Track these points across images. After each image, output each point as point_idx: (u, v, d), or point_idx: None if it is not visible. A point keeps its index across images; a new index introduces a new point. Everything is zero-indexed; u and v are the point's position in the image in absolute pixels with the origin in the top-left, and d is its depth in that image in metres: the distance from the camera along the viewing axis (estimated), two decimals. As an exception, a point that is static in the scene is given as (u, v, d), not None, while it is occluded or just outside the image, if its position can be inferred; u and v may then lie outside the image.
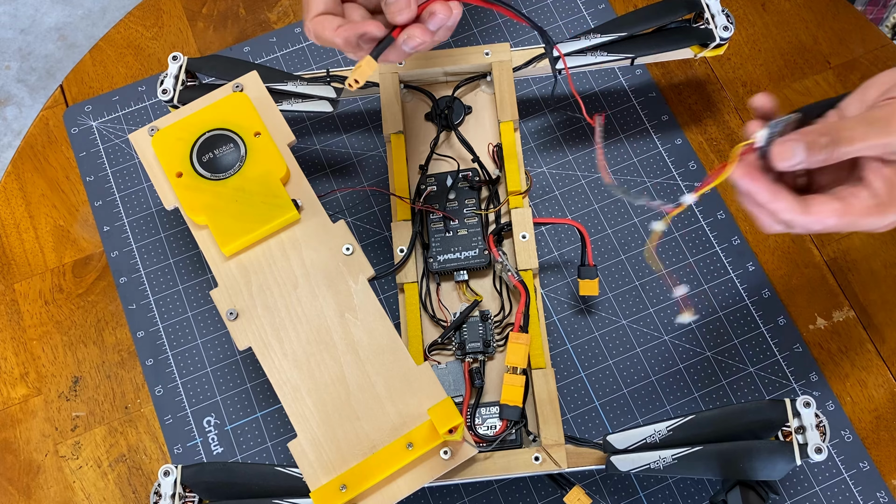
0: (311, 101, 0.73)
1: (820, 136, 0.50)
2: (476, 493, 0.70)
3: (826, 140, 0.50)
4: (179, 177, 0.66)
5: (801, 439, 0.60)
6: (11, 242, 0.80)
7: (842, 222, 0.51)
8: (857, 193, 0.51)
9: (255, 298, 0.64)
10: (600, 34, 0.73)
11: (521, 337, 0.64)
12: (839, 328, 0.74)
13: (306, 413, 0.61)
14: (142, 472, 0.72)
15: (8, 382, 0.75)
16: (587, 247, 0.70)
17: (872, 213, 0.50)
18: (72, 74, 0.86)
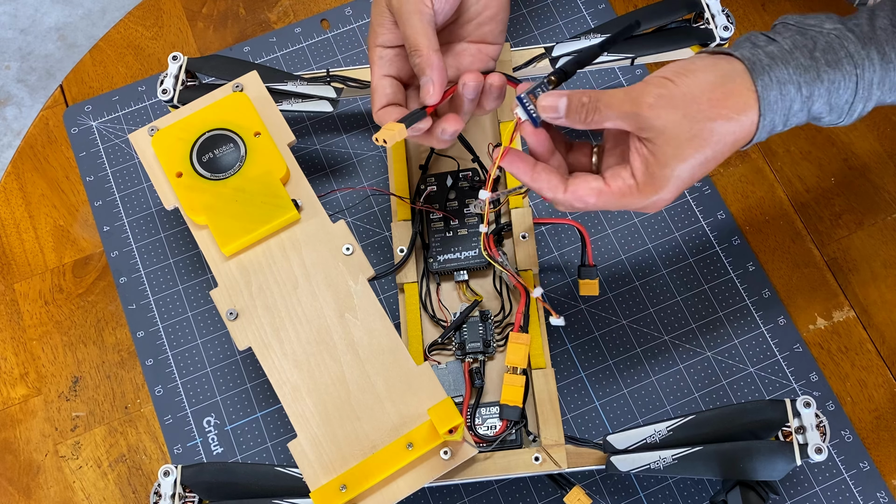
0: (311, 101, 0.73)
1: (583, 96, 0.53)
2: (476, 493, 0.70)
3: (587, 100, 0.53)
4: (179, 177, 0.66)
5: (801, 439, 0.61)
6: (11, 242, 0.80)
7: (602, 201, 0.54)
8: (619, 173, 0.54)
9: (255, 298, 0.64)
10: (600, 34, 0.73)
11: (521, 337, 0.64)
12: (839, 328, 0.74)
13: (306, 413, 0.61)
14: (142, 472, 0.72)
15: (8, 382, 0.75)
16: (587, 247, 0.70)
17: (632, 194, 0.53)
18: (72, 74, 0.86)
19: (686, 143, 0.51)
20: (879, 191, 0.78)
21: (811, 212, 0.78)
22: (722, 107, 0.51)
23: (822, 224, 0.77)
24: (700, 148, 0.51)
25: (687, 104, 0.51)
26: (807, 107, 0.53)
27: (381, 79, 0.60)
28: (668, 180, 0.52)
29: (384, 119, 0.59)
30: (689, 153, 0.51)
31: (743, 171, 0.79)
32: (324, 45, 0.85)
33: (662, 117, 0.51)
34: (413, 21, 0.57)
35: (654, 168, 0.52)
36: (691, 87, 0.52)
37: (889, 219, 0.77)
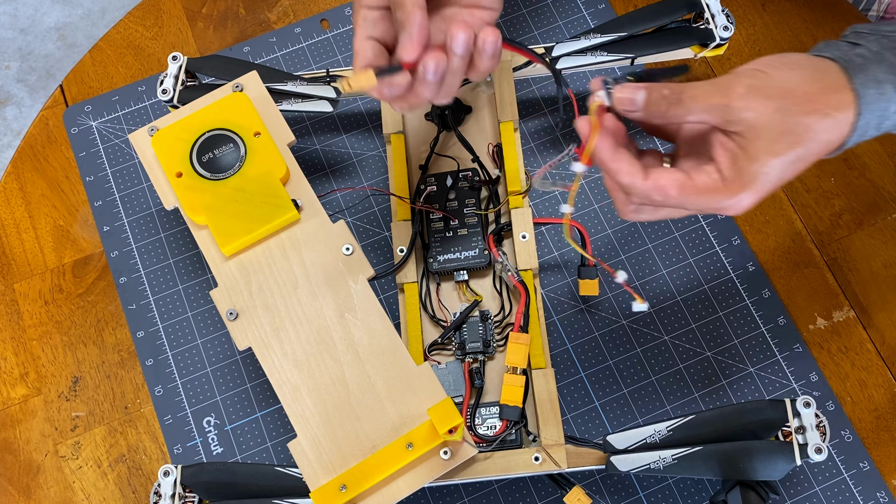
0: (311, 101, 0.73)
1: (663, 89, 0.49)
2: (476, 493, 0.70)
3: (668, 92, 0.49)
4: (179, 177, 0.66)
5: (801, 439, 0.61)
6: (11, 242, 0.80)
7: (683, 195, 0.49)
8: (703, 167, 0.49)
9: (255, 298, 0.64)
10: (600, 34, 0.73)
11: (521, 337, 0.64)
12: (839, 328, 0.74)
13: (306, 413, 0.61)
14: (142, 472, 0.72)
15: (8, 382, 0.75)
16: (587, 247, 0.70)
17: (717, 189, 0.48)
18: (72, 74, 0.86)
19: (779, 137, 0.47)
20: (879, 191, 0.78)
21: (811, 212, 0.78)
22: (818, 102, 0.48)
23: (822, 224, 0.77)
24: (793, 144, 0.47)
25: (782, 96, 0.47)
26: None
27: (363, 41, 0.56)
28: (757, 177, 0.47)
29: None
30: (782, 148, 0.47)
31: (743, 171, 0.79)
32: (324, 45, 0.85)
33: (754, 108, 0.47)
34: None
35: (742, 162, 0.48)
36: (787, 78, 0.48)
37: (889, 219, 0.77)
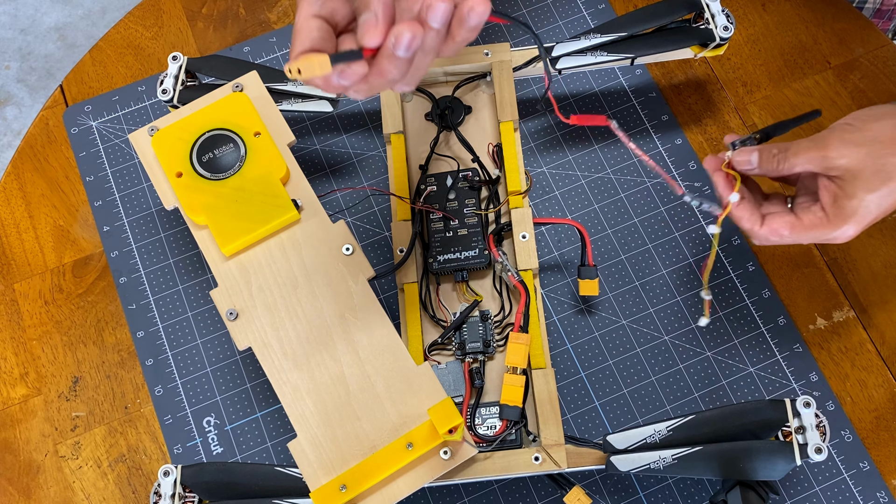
0: (311, 101, 0.73)
1: (773, 148, 0.59)
2: (476, 493, 0.70)
3: (776, 151, 0.59)
4: (179, 177, 0.66)
5: (801, 439, 0.61)
6: (11, 242, 0.80)
7: (795, 232, 0.58)
8: (810, 208, 0.58)
9: (255, 298, 0.64)
10: (600, 34, 0.73)
11: (521, 337, 0.64)
12: (839, 328, 0.74)
13: (306, 413, 0.61)
14: (142, 472, 0.72)
15: (8, 382, 0.75)
16: (587, 247, 0.70)
17: (823, 225, 0.57)
18: (72, 74, 0.86)
19: (872, 175, 0.55)
20: (879, 191, 0.78)
21: (811, 212, 0.78)
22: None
23: (822, 224, 0.77)
24: (886, 180, 0.55)
25: (870, 143, 0.55)
26: None
27: (308, 19, 0.49)
28: (857, 210, 0.55)
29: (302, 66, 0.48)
30: (876, 185, 0.55)
31: (743, 171, 0.79)
32: (324, 45, 0.85)
33: (847, 156, 0.55)
34: None
35: (842, 200, 0.56)
36: (874, 129, 0.56)
37: (889, 219, 0.77)
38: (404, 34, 0.46)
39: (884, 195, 0.55)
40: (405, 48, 0.46)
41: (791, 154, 0.57)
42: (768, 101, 0.82)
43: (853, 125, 0.56)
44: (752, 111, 0.81)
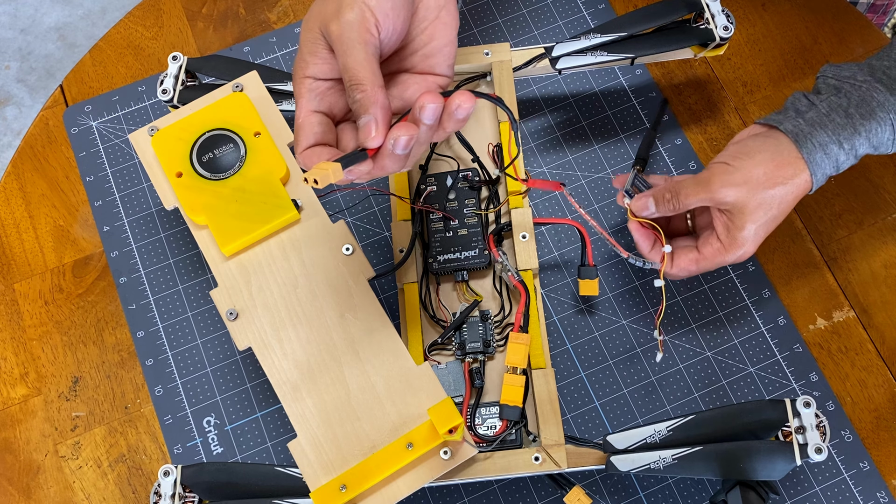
0: (311, 101, 0.73)
1: (666, 192, 0.66)
2: (476, 493, 0.70)
3: (669, 195, 0.66)
4: (179, 177, 0.66)
5: (801, 439, 0.61)
6: (11, 242, 0.80)
7: (701, 266, 0.66)
8: (708, 240, 0.66)
9: (255, 298, 0.64)
10: (600, 34, 0.73)
11: (521, 337, 0.64)
12: (839, 328, 0.74)
13: (306, 413, 0.61)
14: (142, 472, 0.72)
15: (8, 382, 0.75)
16: (587, 247, 0.70)
17: (721, 254, 0.65)
18: (72, 74, 0.86)
19: (755, 209, 0.63)
20: (879, 191, 0.78)
21: (811, 212, 0.78)
22: (777, 177, 0.63)
23: (822, 224, 0.77)
24: (767, 210, 0.64)
25: (747, 182, 0.63)
26: (852, 154, 0.65)
27: (309, 115, 0.53)
28: (748, 239, 0.64)
29: (309, 161, 0.52)
30: (760, 216, 0.64)
31: (743, 171, 0.79)
32: (324, 45, 0.85)
33: (731, 195, 0.63)
34: (356, 52, 0.51)
35: (734, 231, 0.64)
36: (749, 168, 0.63)
37: (889, 219, 0.77)
38: (401, 138, 0.50)
39: (767, 221, 0.64)
40: (403, 147, 0.50)
41: (682, 197, 0.65)
42: (768, 101, 0.82)
43: (731, 165, 0.64)
44: (752, 111, 0.81)
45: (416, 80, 0.56)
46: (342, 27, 0.51)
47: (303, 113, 0.53)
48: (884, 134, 0.64)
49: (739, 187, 0.63)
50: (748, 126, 0.70)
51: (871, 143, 0.64)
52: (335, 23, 0.51)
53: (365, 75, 0.50)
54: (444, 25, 0.56)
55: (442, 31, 0.56)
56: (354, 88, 0.51)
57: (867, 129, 0.64)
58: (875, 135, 0.64)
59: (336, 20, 0.51)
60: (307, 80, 0.54)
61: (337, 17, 0.51)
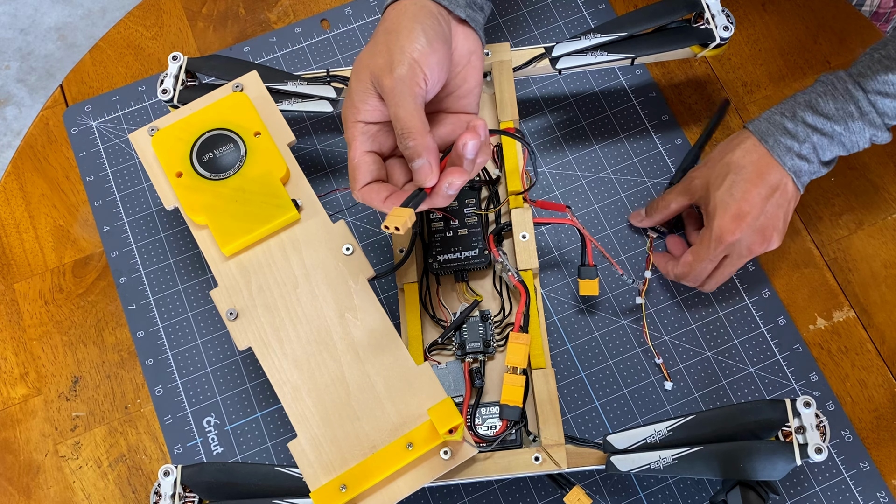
0: (311, 101, 0.73)
1: (656, 203, 0.74)
2: (476, 493, 0.70)
3: (658, 205, 0.74)
4: (179, 177, 0.66)
5: (801, 439, 0.60)
6: (11, 242, 0.80)
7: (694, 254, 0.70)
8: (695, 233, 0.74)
9: (255, 298, 0.64)
10: (600, 34, 0.73)
11: (521, 337, 0.64)
12: (839, 328, 0.74)
13: (306, 413, 0.61)
14: (142, 472, 0.72)
15: (8, 382, 0.75)
16: (587, 247, 0.70)
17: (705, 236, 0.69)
18: (72, 74, 0.86)
19: (715, 178, 0.69)
20: (879, 191, 0.78)
21: (811, 212, 0.78)
22: (726, 150, 0.70)
23: (822, 224, 0.77)
24: (725, 175, 0.69)
25: (708, 161, 0.71)
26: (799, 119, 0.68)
27: (363, 155, 0.59)
28: (717, 208, 0.68)
29: (368, 198, 0.58)
30: (720, 182, 0.69)
31: (743, 171, 0.79)
32: (324, 45, 0.85)
33: (699, 176, 0.71)
34: (406, 103, 0.56)
35: (707, 209, 0.69)
36: (714, 153, 0.71)
37: (889, 219, 0.77)
38: (455, 181, 0.57)
39: (729, 185, 0.68)
40: (456, 189, 0.57)
41: (666, 194, 0.73)
42: (768, 101, 0.82)
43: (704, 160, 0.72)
44: (752, 111, 0.81)
45: (451, 119, 0.62)
46: (394, 81, 0.56)
47: (357, 153, 0.59)
48: (826, 103, 0.68)
49: (703, 167, 0.71)
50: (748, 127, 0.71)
51: (817, 110, 0.68)
52: (388, 77, 0.56)
53: (415, 124, 0.56)
54: (474, 69, 0.63)
55: (472, 75, 0.63)
56: (406, 136, 0.56)
57: (805, 97, 0.69)
58: (817, 103, 0.68)
59: (388, 75, 0.56)
60: (359, 124, 0.59)
61: (389, 71, 0.56)
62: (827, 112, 0.68)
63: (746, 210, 0.67)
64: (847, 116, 0.67)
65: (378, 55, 0.58)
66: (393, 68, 0.56)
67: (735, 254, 0.69)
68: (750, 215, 0.67)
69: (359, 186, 0.58)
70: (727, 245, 0.68)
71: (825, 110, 0.68)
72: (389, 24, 0.59)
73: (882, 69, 0.67)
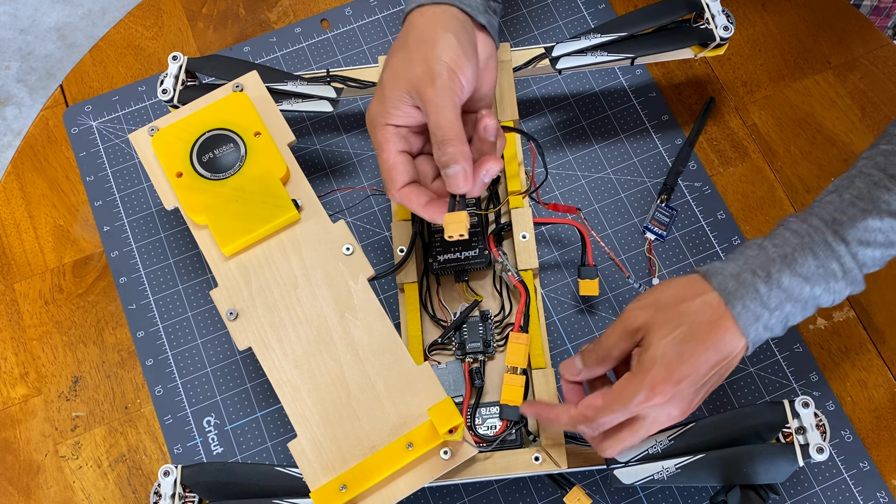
0: (311, 101, 0.73)
1: (594, 350, 0.61)
2: (476, 493, 0.70)
3: (591, 345, 0.61)
4: (179, 177, 0.66)
5: (801, 440, 0.60)
6: (11, 242, 0.80)
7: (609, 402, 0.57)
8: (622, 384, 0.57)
9: (255, 298, 0.64)
10: (600, 34, 0.73)
11: (521, 337, 0.64)
12: (839, 328, 0.74)
13: (306, 413, 0.61)
14: (142, 472, 0.72)
15: (8, 382, 0.75)
16: (587, 247, 0.70)
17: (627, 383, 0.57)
18: (72, 74, 0.86)
19: (664, 324, 0.57)
20: (879, 191, 0.78)
21: (811, 212, 0.78)
22: (684, 297, 0.58)
23: (822, 224, 0.77)
24: (675, 326, 0.57)
25: (657, 302, 0.59)
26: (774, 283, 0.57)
27: (397, 155, 0.60)
28: (655, 358, 0.56)
29: (407, 200, 0.60)
30: (668, 331, 0.57)
31: (743, 171, 0.79)
32: (324, 45, 0.85)
33: (640, 317, 0.58)
34: (448, 112, 0.58)
35: (643, 354, 0.57)
36: (658, 292, 0.60)
37: (889, 219, 0.77)
38: (492, 168, 0.59)
39: (677, 339, 0.56)
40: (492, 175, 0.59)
41: (603, 338, 0.60)
42: (768, 101, 0.82)
43: (642, 295, 0.60)
44: (752, 111, 0.81)
45: (469, 118, 0.63)
46: (436, 92, 0.58)
47: (392, 154, 0.60)
48: (806, 261, 0.57)
49: (647, 308, 0.59)
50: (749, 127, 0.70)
51: (795, 271, 0.57)
52: (429, 88, 0.58)
53: (455, 133, 0.58)
54: (490, 71, 0.64)
55: (488, 77, 0.64)
56: (446, 143, 0.58)
57: (782, 256, 0.58)
58: (795, 262, 0.58)
59: (430, 85, 0.58)
60: (390, 127, 0.60)
61: (430, 82, 0.58)
62: (806, 273, 0.57)
63: (688, 373, 0.56)
64: (829, 276, 0.58)
65: (414, 64, 0.59)
66: (434, 79, 0.58)
67: (651, 418, 0.57)
68: (688, 380, 0.56)
69: (398, 187, 0.60)
70: (652, 405, 0.56)
71: (804, 270, 0.57)
72: (421, 33, 0.60)
73: (859, 213, 0.58)
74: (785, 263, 0.57)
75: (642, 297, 0.60)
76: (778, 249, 0.58)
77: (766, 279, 0.57)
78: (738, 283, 0.57)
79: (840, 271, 0.58)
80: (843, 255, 0.58)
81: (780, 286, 0.57)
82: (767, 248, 0.59)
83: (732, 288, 0.57)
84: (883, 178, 0.59)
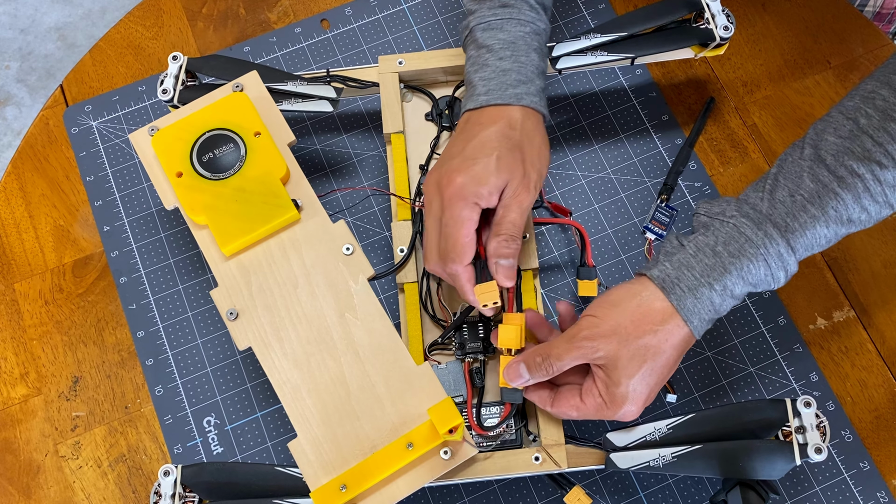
0: (311, 101, 0.73)
1: (536, 356, 0.61)
2: (476, 493, 0.70)
3: (541, 359, 0.61)
4: (179, 177, 0.66)
5: (801, 439, 0.61)
6: (11, 242, 0.80)
7: (581, 413, 0.61)
8: (591, 391, 0.61)
9: (255, 298, 0.64)
10: (600, 34, 0.73)
11: (514, 318, 0.64)
12: (839, 328, 0.74)
13: (306, 413, 0.61)
14: (142, 472, 0.72)
15: (8, 382, 0.75)
16: (587, 247, 0.70)
17: (604, 409, 0.60)
18: (72, 74, 0.86)
19: (629, 362, 0.59)
20: (879, 191, 0.78)
21: (811, 212, 0.78)
22: (645, 326, 0.59)
23: (822, 224, 0.77)
24: (642, 362, 0.59)
25: (616, 333, 0.59)
26: (728, 293, 0.60)
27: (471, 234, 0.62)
28: (627, 395, 0.59)
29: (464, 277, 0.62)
30: (634, 369, 0.59)
31: (743, 170, 0.79)
32: (324, 45, 0.85)
33: (602, 349, 0.59)
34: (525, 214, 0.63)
35: (612, 389, 0.59)
36: (615, 318, 0.60)
37: (889, 219, 0.77)
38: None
39: (645, 374, 0.59)
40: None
41: (555, 359, 0.60)
42: (768, 101, 0.82)
43: (596, 317, 0.60)
44: (752, 111, 0.81)
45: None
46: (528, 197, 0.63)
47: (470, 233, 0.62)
48: (758, 271, 0.59)
49: (609, 339, 0.59)
50: (749, 127, 0.70)
51: (747, 280, 0.60)
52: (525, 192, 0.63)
53: (521, 230, 0.63)
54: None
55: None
56: (512, 239, 0.62)
57: (738, 268, 0.59)
58: (749, 272, 0.59)
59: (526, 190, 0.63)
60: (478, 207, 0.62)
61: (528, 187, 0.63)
62: (755, 280, 0.60)
63: (652, 398, 0.60)
64: (774, 281, 0.60)
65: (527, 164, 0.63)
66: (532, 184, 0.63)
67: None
68: (650, 399, 0.60)
69: (465, 263, 0.62)
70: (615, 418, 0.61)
71: (754, 279, 0.60)
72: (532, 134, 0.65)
73: (810, 220, 0.59)
74: (740, 276, 0.59)
75: (600, 324, 0.60)
76: (735, 260, 0.59)
77: (721, 292, 0.60)
78: (695, 300, 0.59)
79: (784, 276, 0.61)
80: (791, 264, 0.60)
81: (733, 295, 0.60)
82: (722, 256, 0.60)
83: (690, 305, 0.59)
84: (832, 180, 0.60)
